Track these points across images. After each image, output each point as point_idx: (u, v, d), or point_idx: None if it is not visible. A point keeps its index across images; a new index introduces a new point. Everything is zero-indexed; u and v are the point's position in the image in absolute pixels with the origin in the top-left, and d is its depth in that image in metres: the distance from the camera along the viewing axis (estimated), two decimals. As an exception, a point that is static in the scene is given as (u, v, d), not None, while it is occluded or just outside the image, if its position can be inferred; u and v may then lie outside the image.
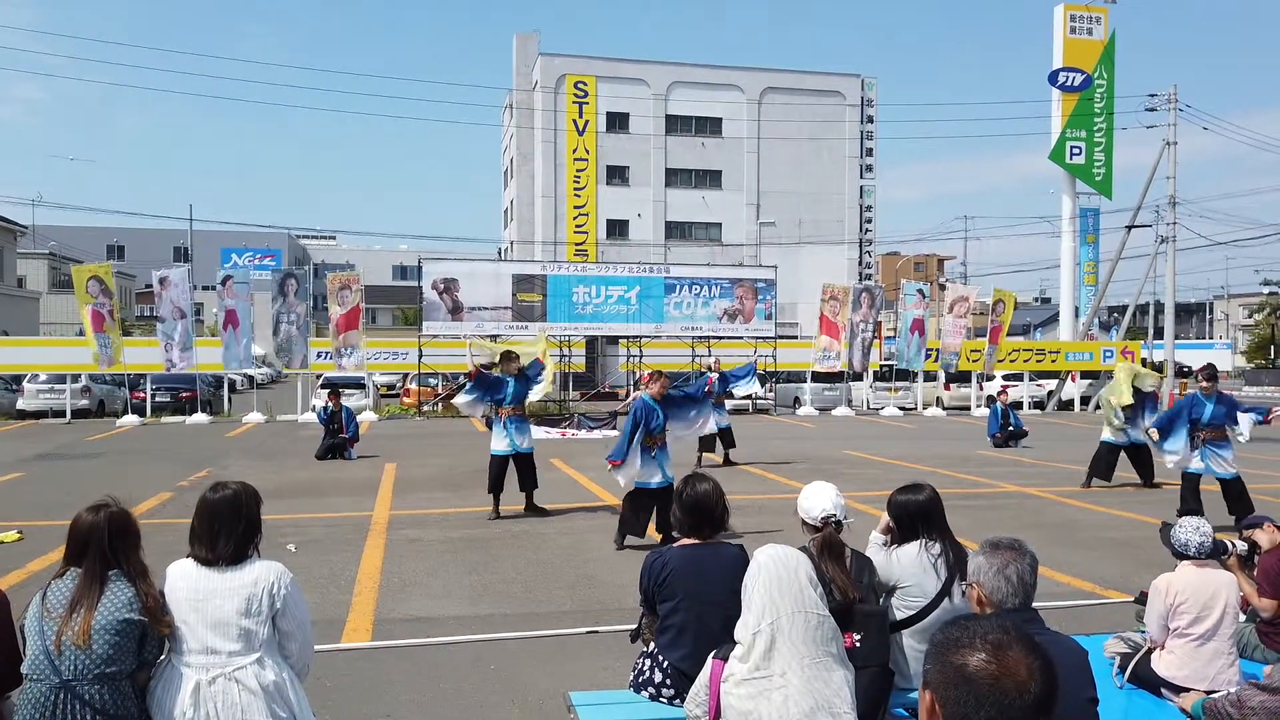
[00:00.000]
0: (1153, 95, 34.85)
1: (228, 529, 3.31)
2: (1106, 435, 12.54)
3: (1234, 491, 9.65)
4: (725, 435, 14.64)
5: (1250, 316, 73.97)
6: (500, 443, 10.27)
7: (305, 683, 3.44)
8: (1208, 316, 78.96)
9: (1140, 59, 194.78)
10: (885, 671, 3.68)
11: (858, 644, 3.57)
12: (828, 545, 3.75)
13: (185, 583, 3.27)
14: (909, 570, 3.97)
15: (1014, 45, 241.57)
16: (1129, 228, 36.29)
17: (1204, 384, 9.73)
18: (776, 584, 3.02)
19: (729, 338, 27.53)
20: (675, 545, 3.98)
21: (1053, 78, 36.91)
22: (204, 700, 3.13)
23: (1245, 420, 9.72)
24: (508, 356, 10.47)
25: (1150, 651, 4.42)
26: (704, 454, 14.86)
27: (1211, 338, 70.13)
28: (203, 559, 3.31)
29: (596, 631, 6.10)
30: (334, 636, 5.96)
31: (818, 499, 3.95)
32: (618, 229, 47.07)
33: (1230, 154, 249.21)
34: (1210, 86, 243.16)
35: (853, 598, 3.65)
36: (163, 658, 3.27)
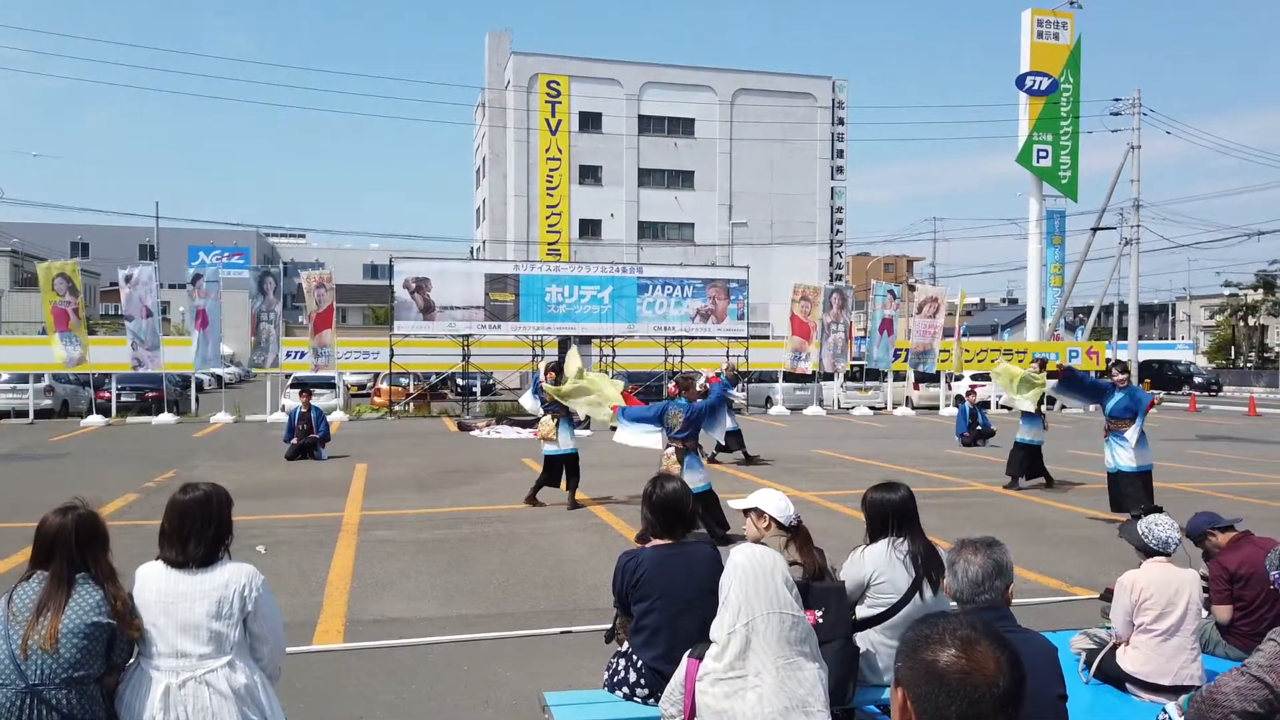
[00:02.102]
0: (1117, 100, 35.45)
1: (198, 530, 3.27)
2: (1023, 436, 12.85)
3: (1138, 483, 9.85)
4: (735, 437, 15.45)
5: (1211, 317, 75.36)
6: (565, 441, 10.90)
7: (277, 685, 3.41)
8: (1170, 317, 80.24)
9: (1104, 63, 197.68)
10: (850, 644, 3.77)
11: (820, 619, 3.64)
12: (800, 533, 4.02)
13: (155, 585, 3.23)
14: (880, 566, 4.03)
15: (983, 49, 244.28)
16: (1094, 230, 36.89)
17: (1119, 377, 10.22)
18: (752, 584, 3.05)
19: (701, 337, 27.63)
20: (649, 546, 4.01)
21: (1020, 81, 37.37)
22: (174, 704, 3.10)
23: (1134, 428, 9.93)
24: (557, 368, 11.00)
25: (1115, 647, 4.49)
26: (724, 453, 15.52)
27: (1174, 338, 71.23)
28: (173, 561, 3.27)
29: (571, 631, 6.10)
30: (305, 638, 5.92)
31: (784, 501, 4.10)
32: (590, 229, 46.99)
33: (1193, 157, 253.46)
34: (1173, 91, 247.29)
35: (818, 569, 3.83)
36: (132, 661, 3.23)
